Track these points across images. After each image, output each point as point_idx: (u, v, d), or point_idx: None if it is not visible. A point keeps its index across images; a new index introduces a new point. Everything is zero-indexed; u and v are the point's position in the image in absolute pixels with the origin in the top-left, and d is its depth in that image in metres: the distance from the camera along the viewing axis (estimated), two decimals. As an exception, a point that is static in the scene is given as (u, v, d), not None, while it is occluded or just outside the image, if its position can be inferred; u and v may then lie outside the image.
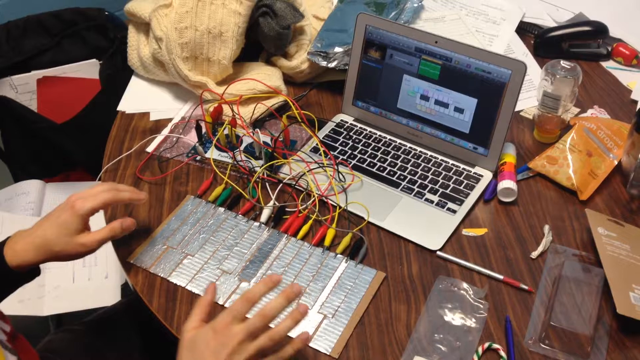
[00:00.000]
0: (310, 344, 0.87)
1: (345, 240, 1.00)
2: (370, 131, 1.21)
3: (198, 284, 0.96)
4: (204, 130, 1.19)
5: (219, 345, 0.75)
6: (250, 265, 0.98)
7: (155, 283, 0.97)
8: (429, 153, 1.16)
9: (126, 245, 1.02)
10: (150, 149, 1.20)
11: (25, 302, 1.30)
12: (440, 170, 1.12)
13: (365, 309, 0.92)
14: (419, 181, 1.10)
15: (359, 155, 1.15)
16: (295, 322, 0.78)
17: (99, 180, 1.14)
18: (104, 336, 1.14)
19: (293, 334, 0.81)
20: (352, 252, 0.99)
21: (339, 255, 0.99)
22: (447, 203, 1.06)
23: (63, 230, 0.89)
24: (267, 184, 1.10)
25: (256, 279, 0.96)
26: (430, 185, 1.09)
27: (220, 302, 0.93)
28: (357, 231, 1.02)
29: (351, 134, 1.20)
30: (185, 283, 0.96)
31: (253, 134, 1.13)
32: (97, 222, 0.97)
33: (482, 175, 1.11)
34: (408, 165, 1.13)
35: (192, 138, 1.21)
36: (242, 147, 1.16)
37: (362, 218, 1.04)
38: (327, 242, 1.00)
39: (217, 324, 0.77)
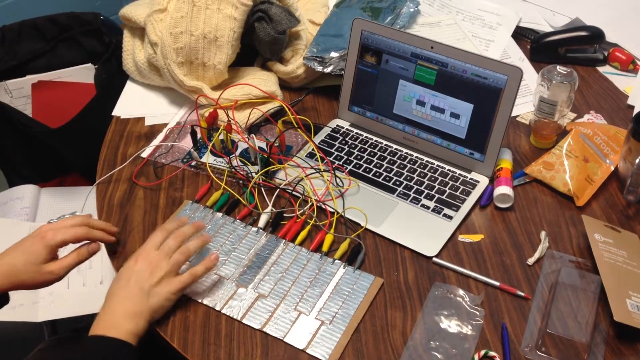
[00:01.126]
0: (308, 351, 0.87)
1: (344, 246, 1.00)
2: (366, 136, 1.20)
3: (194, 290, 0.95)
4: (199, 135, 1.19)
5: (145, 268, 0.88)
6: (248, 271, 0.97)
7: (151, 290, 0.96)
8: (425, 159, 1.15)
9: (121, 252, 1.01)
10: (145, 154, 1.19)
11: (19, 308, 1.29)
12: (436, 175, 1.12)
13: (362, 316, 0.91)
14: (415, 187, 1.10)
15: (355, 161, 1.15)
16: (204, 243, 0.96)
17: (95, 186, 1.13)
18: None
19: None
20: (350, 258, 0.99)
21: (337, 261, 0.98)
22: (443, 209, 1.06)
23: (31, 259, 0.90)
24: (263, 189, 1.10)
25: (254, 285, 0.95)
26: (426, 191, 1.09)
27: (217, 308, 0.93)
28: (354, 237, 1.01)
29: (347, 139, 1.20)
30: (181, 290, 0.95)
31: (248, 139, 1.12)
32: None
33: (478, 181, 1.11)
34: (404, 171, 1.13)
35: (187, 143, 1.20)
36: (237, 153, 1.16)
37: (359, 224, 1.04)
38: (325, 247, 1.00)
39: (139, 253, 0.90)
